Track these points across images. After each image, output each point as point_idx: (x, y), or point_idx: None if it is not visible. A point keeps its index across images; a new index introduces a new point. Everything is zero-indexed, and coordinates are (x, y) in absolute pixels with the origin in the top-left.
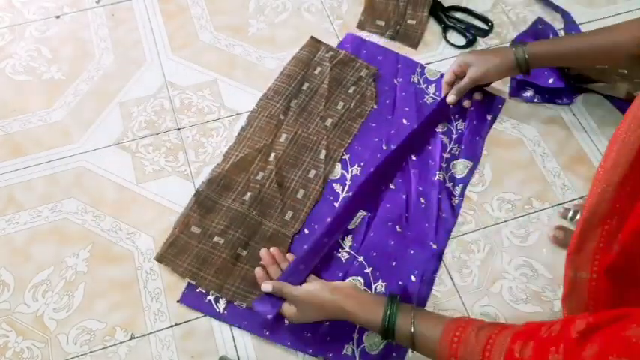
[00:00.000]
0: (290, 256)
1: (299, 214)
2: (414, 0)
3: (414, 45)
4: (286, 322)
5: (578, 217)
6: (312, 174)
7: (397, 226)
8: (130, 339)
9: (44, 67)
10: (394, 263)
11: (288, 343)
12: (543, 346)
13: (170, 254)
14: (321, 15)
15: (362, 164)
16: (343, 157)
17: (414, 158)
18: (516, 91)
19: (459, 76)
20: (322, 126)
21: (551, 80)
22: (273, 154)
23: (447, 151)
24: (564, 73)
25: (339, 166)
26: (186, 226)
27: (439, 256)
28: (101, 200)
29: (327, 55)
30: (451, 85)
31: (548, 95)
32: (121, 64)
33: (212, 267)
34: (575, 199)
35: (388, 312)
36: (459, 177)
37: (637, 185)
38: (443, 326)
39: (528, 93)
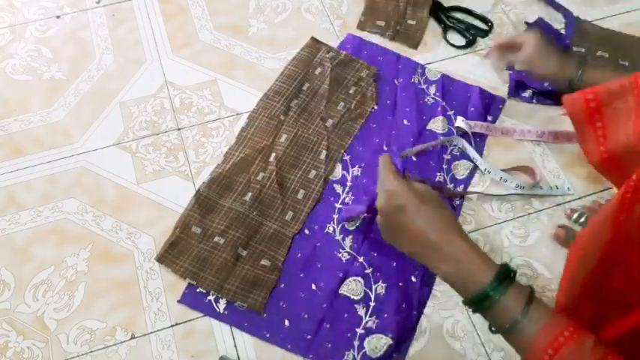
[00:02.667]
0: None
1: (299, 215)
2: (414, 0)
3: (414, 45)
4: (286, 323)
5: (583, 219)
6: (312, 174)
7: None
8: (131, 339)
9: (44, 67)
10: (394, 264)
11: (289, 346)
12: None
13: (170, 255)
14: (321, 15)
15: (362, 165)
16: (344, 158)
17: (414, 159)
18: (516, 91)
19: (511, 47)
20: (323, 126)
21: (547, 83)
22: (273, 155)
23: (448, 152)
24: None
25: (339, 166)
26: (186, 226)
27: None
28: (101, 200)
29: (327, 56)
30: (499, 50)
31: (547, 96)
32: (121, 64)
33: (212, 267)
34: (576, 200)
35: (495, 284)
36: (459, 178)
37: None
38: (551, 317)
39: (527, 93)
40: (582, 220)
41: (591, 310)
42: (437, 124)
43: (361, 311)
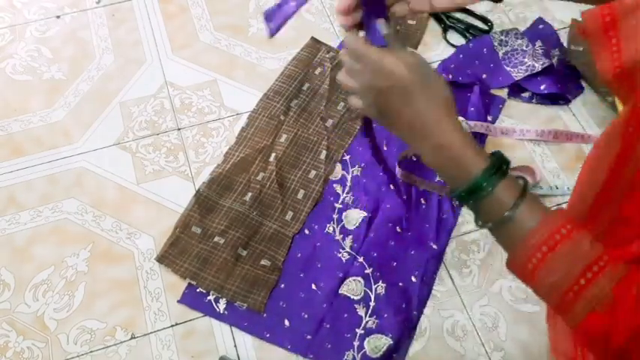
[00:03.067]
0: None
1: (299, 215)
2: None
3: (414, 45)
4: (287, 323)
5: None
6: (312, 174)
7: (397, 227)
8: (131, 339)
9: (44, 67)
10: (394, 264)
11: (289, 347)
12: None
13: (171, 255)
14: (321, 15)
15: (362, 165)
16: (344, 158)
17: (414, 159)
18: (516, 91)
19: None
20: (323, 126)
21: (543, 87)
22: (273, 155)
23: None
24: (560, 76)
25: (339, 166)
26: (186, 226)
27: (439, 257)
28: (101, 200)
29: (327, 56)
30: None
31: (547, 96)
32: (121, 64)
33: (212, 267)
34: None
35: (487, 175)
36: None
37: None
38: (550, 212)
39: (527, 93)
40: None
41: (594, 233)
42: None
43: (361, 311)
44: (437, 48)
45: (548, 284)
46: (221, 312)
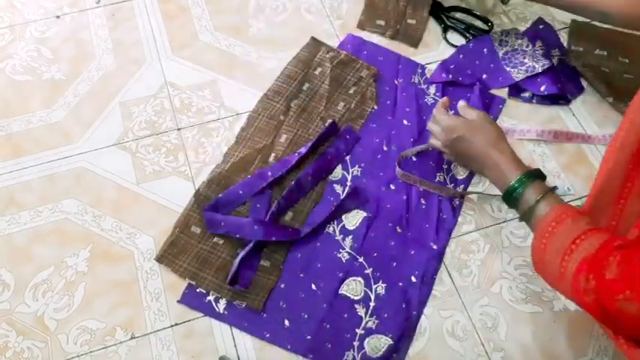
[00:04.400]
0: None
1: (299, 215)
2: (414, 0)
3: (414, 44)
4: (286, 323)
5: None
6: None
7: (397, 227)
8: (130, 339)
9: (44, 67)
10: (394, 264)
11: (289, 347)
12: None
13: (170, 254)
14: (321, 15)
15: (362, 165)
16: (344, 158)
17: (414, 159)
18: (516, 91)
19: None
20: (323, 126)
21: (543, 87)
22: (273, 155)
23: None
24: (560, 77)
25: (339, 166)
26: (186, 226)
27: (439, 257)
28: (101, 200)
29: (327, 56)
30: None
31: (547, 96)
32: (121, 64)
33: (212, 267)
34: (576, 200)
35: (517, 184)
36: (459, 178)
37: None
38: (562, 204)
39: (528, 93)
40: None
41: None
42: None
43: (361, 311)
44: (437, 48)
45: (554, 250)
46: (221, 312)
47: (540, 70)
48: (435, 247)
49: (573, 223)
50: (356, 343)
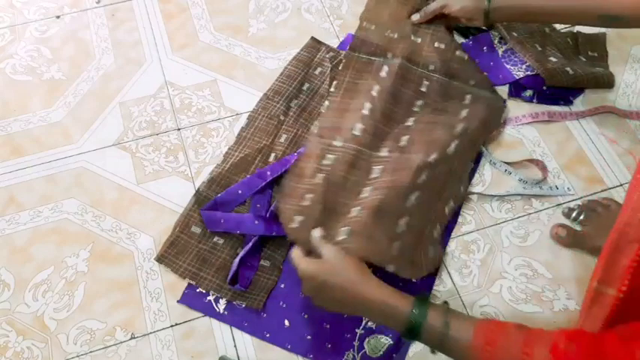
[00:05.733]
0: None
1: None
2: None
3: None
4: (286, 323)
5: (582, 217)
6: None
7: None
8: (130, 339)
9: (44, 67)
10: None
11: (289, 347)
12: (589, 343)
13: (170, 254)
14: (321, 15)
15: None
16: None
17: None
18: (516, 91)
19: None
20: None
21: (545, 86)
22: (273, 155)
23: None
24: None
25: None
26: (186, 226)
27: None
28: (101, 200)
29: (327, 56)
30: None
31: (547, 96)
32: (121, 64)
33: (212, 267)
34: (576, 200)
35: (416, 312)
36: None
37: None
38: (478, 321)
39: (528, 93)
40: (581, 218)
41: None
42: None
43: None
44: None
45: None
46: (221, 312)
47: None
48: None
49: (506, 334)
50: (356, 343)
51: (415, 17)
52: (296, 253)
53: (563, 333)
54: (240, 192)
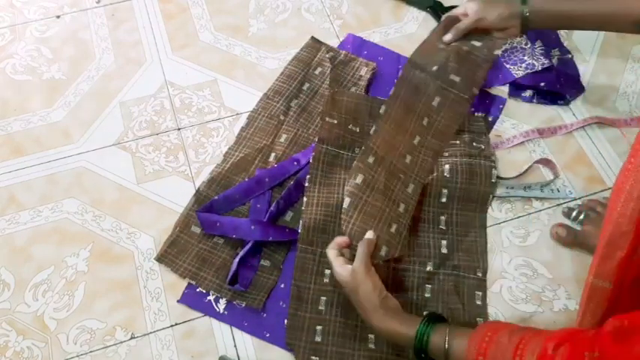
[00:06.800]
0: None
1: (299, 215)
2: None
3: None
4: (286, 323)
5: (582, 217)
6: None
7: None
8: (130, 339)
9: (44, 67)
10: None
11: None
12: (578, 346)
13: (170, 254)
14: (321, 15)
15: None
16: None
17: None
18: (516, 91)
19: (457, 18)
20: None
21: (543, 84)
22: (273, 155)
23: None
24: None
25: None
26: (186, 225)
27: None
28: (101, 200)
29: (327, 56)
30: (450, 26)
31: (547, 95)
32: (121, 64)
33: (212, 267)
34: (576, 199)
35: (419, 338)
36: None
37: None
38: (472, 333)
39: (528, 93)
40: (581, 217)
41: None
42: None
43: None
44: None
45: None
46: (221, 312)
47: (540, 69)
48: None
49: (498, 343)
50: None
51: (447, 38)
52: (331, 253)
53: (554, 337)
54: (237, 197)
